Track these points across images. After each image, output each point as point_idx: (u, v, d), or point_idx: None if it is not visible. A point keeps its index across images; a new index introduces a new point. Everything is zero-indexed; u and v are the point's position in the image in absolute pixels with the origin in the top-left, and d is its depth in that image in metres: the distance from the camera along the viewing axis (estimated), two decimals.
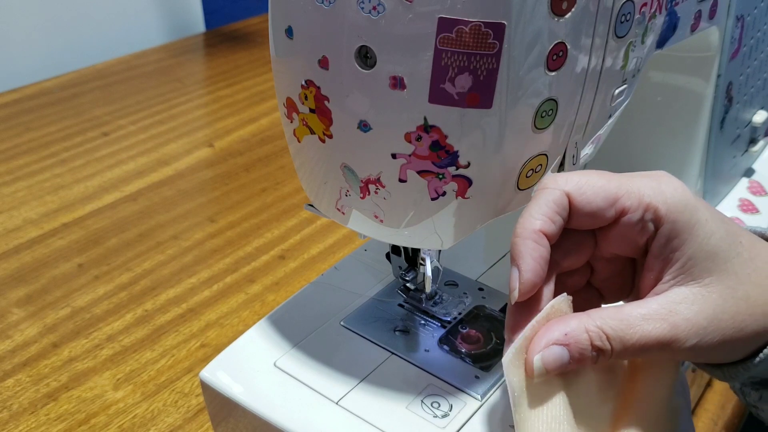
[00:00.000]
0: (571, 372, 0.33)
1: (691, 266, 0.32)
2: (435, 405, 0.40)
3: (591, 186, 0.32)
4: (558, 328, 0.32)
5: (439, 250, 0.43)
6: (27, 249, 0.70)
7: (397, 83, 0.31)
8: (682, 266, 0.32)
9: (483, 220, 0.36)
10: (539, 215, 0.32)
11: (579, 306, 0.36)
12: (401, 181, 0.34)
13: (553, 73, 0.32)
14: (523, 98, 0.32)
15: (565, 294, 0.34)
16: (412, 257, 0.45)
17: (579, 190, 0.32)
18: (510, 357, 0.32)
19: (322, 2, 0.31)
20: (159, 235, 0.72)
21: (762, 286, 0.32)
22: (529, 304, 0.33)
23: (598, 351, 0.31)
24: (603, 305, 0.37)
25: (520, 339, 0.32)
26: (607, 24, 0.33)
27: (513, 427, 0.34)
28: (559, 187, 0.32)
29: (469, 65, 0.30)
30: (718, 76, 0.51)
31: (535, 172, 0.35)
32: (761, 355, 0.33)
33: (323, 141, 0.35)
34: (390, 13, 0.30)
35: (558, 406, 0.32)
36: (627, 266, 0.36)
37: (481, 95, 0.31)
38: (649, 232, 0.32)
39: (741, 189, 0.60)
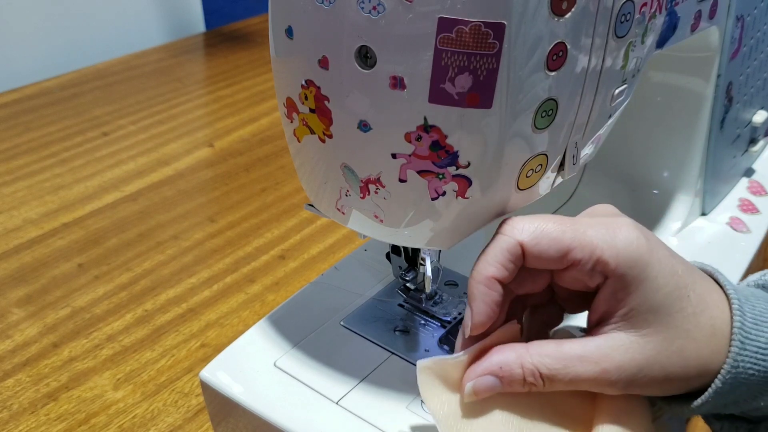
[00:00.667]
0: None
1: (632, 316, 0.33)
2: None
3: (545, 236, 0.34)
4: (495, 358, 0.34)
5: (439, 250, 0.43)
6: (27, 249, 0.70)
7: (397, 83, 0.31)
8: (625, 315, 0.33)
9: (483, 220, 0.36)
10: (493, 261, 0.34)
11: (542, 319, 0.38)
12: (401, 181, 0.34)
13: (553, 73, 0.32)
14: (523, 98, 0.32)
15: (514, 322, 0.36)
16: (412, 257, 0.45)
17: (533, 240, 0.33)
18: (427, 364, 0.35)
19: (322, 2, 0.31)
20: (159, 235, 0.72)
21: (698, 341, 0.33)
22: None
23: (529, 385, 0.33)
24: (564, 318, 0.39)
25: (454, 356, 0.35)
26: (607, 24, 0.33)
27: None
28: (514, 237, 0.34)
29: (469, 65, 0.30)
30: (718, 76, 0.51)
31: (535, 172, 0.35)
32: (697, 401, 0.34)
33: (323, 141, 0.35)
34: (390, 13, 0.30)
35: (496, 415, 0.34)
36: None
37: (481, 95, 0.31)
38: (599, 280, 0.34)
39: (741, 189, 0.60)
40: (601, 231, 0.34)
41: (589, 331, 0.35)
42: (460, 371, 0.35)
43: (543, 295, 0.37)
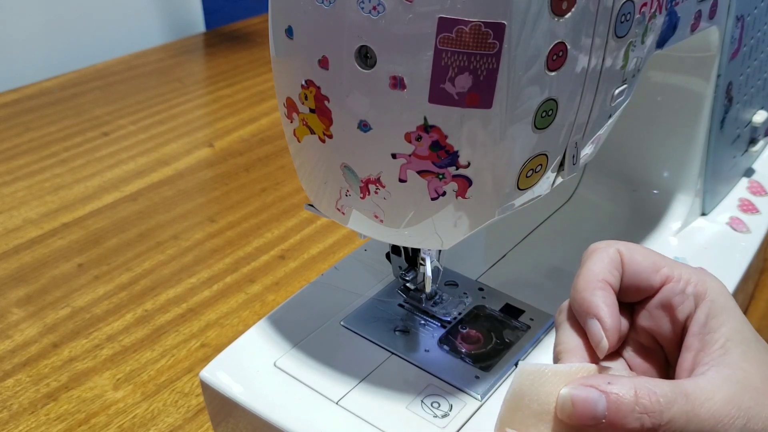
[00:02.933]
0: None
1: (728, 348, 0.31)
2: (435, 405, 0.40)
3: (640, 249, 0.33)
4: (603, 376, 0.30)
5: (439, 250, 0.43)
6: (27, 249, 0.70)
7: (397, 83, 0.31)
8: (721, 347, 0.31)
9: (483, 220, 0.36)
10: (599, 270, 0.32)
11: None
12: (401, 181, 0.34)
13: (553, 73, 0.32)
14: (523, 98, 0.32)
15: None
16: (412, 257, 0.45)
17: (629, 250, 0.33)
18: (531, 370, 0.30)
19: (322, 2, 0.31)
20: (159, 235, 0.72)
21: None
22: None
23: (639, 416, 0.28)
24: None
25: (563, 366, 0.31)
26: (607, 24, 0.33)
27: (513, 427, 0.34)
28: (611, 246, 0.33)
29: (469, 65, 0.30)
30: (718, 76, 0.51)
31: (535, 172, 0.35)
32: None
33: (323, 141, 0.35)
34: (390, 13, 0.30)
35: None
36: (658, 347, 0.35)
37: (481, 95, 0.31)
38: (690, 309, 0.32)
39: (741, 189, 0.60)
40: (686, 265, 0.33)
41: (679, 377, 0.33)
42: (558, 384, 0.30)
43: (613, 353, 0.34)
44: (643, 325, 0.34)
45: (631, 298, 0.34)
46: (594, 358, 0.32)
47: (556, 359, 0.33)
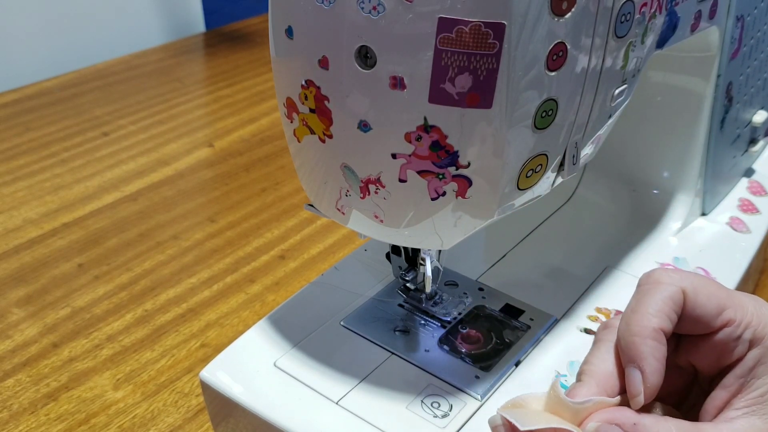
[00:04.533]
0: None
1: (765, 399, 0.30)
2: (435, 405, 0.40)
3: (705, 288, 0.31)
4: (628, 413, 0.30)
5: (439, 250, 0.43)
6: (27, 249, 0.70)
7: (397, 83, 0.31)
8: (761, 395, 0.30)
9: (483, 220, 0.36)
10: (656, 312, 0.30)
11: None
12: (401, 181, 0.34)
13: (553, 73, 0.32)
14: (523, 98, 0.32)
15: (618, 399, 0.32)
16: (412, 257, 0.45)
17: (694, 290, 0.31)
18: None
19: (322, 2, 0.31)
20: (159, 235, 0.72)
21: None
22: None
23: None
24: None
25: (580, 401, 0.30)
26: (607, 24, 0.33)
27: None
28: (675, 284, 0.31)
29: (469, 65, 0.30)
30: (718, 76, 0.51)
31: (535, 172, 0.35)
32: None
33: (323, 141, 0.35)
34: (390, 13, 0.30)
35: None
36: (688, 380, 0.34)
37: (481, 95, 0.31)
38: (742, 352, 0.31)
39: (741, 189, 0.60)
40: (747, 299, 0.31)
41: (709, 416, 0.32)
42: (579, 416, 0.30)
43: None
44: (688, 352, 0.32)
45: (683, 332, 0.32)
46: (617, 389, 0.31)
47: (579, 376, 0.32)
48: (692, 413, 0.34)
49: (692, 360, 0.33)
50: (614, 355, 0.32)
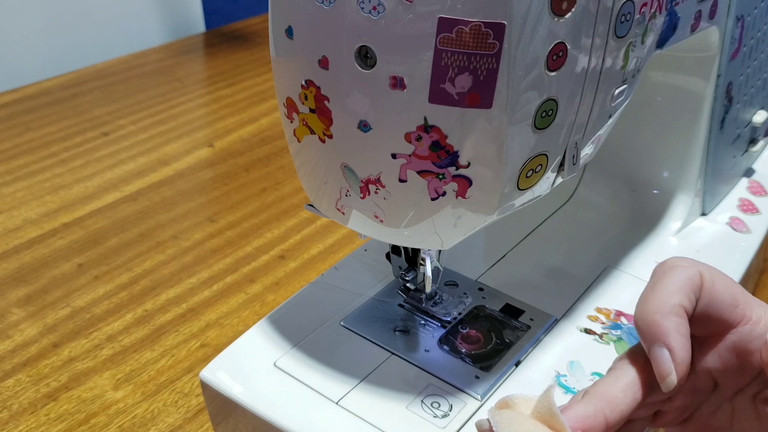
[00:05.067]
0: None
1: None
2: (435, 405, 0.40)
3: (721, 277, 0.29)
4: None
5: (439, 250, 0.43)
6: (27, 249, 0.70)
7: (397, 83, 0.31)
8: None
9: (483, 220, 0.36)
10: (677, 290, 0.28)
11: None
12: (401, 181, 0.34)
13: (553, 73, 0.32)
14: (523, 98, 0.32)
15: None
16: (412, 257, 0.45)
17: (711, 277, 0.29)
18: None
19: (322, 2, 0.31)
20: (159, 235, 0.72)
21: None
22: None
23: None
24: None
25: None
26: (607, 24, 0.33)
27: None
28: (693, 267, 0.29)
29: (469, 65, 0.30)
30: (718, 76, 0.51)
31: (535, 172, 0.35)
32: None
33: (323, 141, 0.35)
34: (390, 13, 0.30)
35: None
36: (710, 386, 0.32)
37: (481, 95, 0.31)
38: (766, 357, 0.28)
39: (741, 189, 0.60)
40: (761, 302, 0.29)
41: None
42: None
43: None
44: (707, 365, 0.30)
45: (698, 331, 0.30)
46: (619, 415, 0.29)
47: (582, 394, 0.30)
48: (708, 426, 0.32)
49: (713, 372, 0.30)
50: (625, 382, 0.29)
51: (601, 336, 0.45)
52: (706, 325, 0.30)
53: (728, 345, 0.30)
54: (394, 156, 0.33)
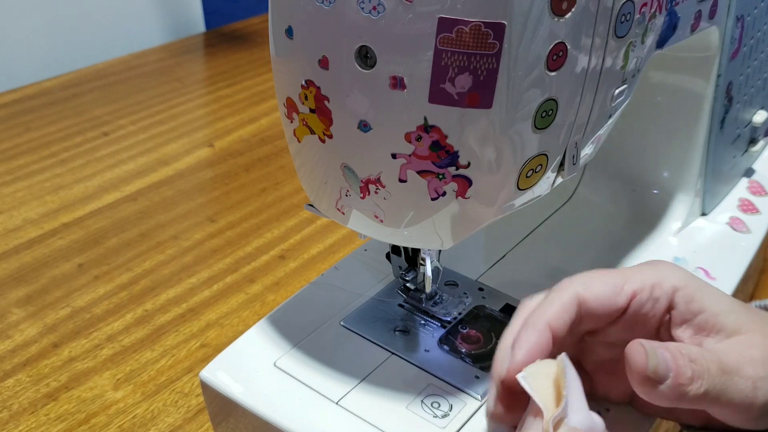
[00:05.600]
0: None
1: (720, 322, 0.32)
2: (435, 405, 0.40)
3: (596, 279, 0.33)
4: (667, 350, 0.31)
5: (439, 250, 0.43)
6: (27, 249, 0.70)
7: (397, 83, 0.31)
8: (713, 326, 0.32)
9: (483, 220, 0.36)
10: (552, 313, 0.33)
11: (605, 341, 0.36)
12: (401, 181, 0.34)
13: (553, 73, 0.32)
14: (523, 98, 0.32)
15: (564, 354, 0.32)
16: (412, 257, 0.45)
17: (585, 285, 0.33)
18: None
19: (322, 2, 0.31)
20: (159, 235, 0.72)
21: None
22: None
23: (695, 385, 0.31)
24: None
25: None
26: (607, 24, 0.33)
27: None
28: (570, 289, 0.33)
29: (469, 65, 0.30)
30: (718, 76, 0.51)
31: (535, 172, 0.35)
32: None
33: (323, 141, 0.35)
34: (390, 13, 0.30)
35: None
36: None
37: (481, 95, 0.31)
38: (661, 309, 0.33)
39: (741, 189, 0.60)
40: (645, 268, 0.33)
41: None
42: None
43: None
44: (615, 339, 0.34)
45: (603, 324, 0.34)
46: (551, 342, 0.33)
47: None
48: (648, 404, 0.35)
49: (621, 337, 0.34)
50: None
51: None
52: (608, 317, 0.33)
53: (630, 320, 0.34)
54: (394, 156, 0.33)
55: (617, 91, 0.37)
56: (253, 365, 0.42)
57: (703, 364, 0.31)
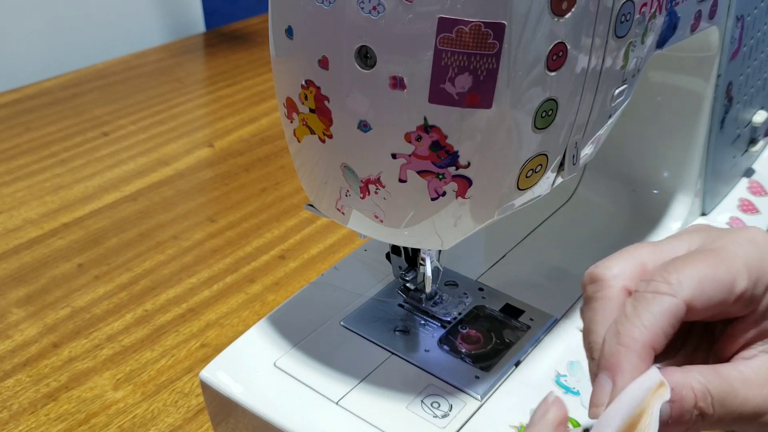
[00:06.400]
0: None
1: None
2: (435, 405, 0.40)
3: (709, 281, 0.29)
4: (656, 373, 0.28)
5: (439, 250, 0.43)
6: (27, 249, 0.70)
7: (397, 83, 0.31)
8: None
9: (483, 220, 0.36)
10: (651, 326, 0.28)
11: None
12: (401, 181, 0.34)
13: (553, 73, 0.32)
14: (523, 98, 0.32)
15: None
16: (412, 257, 0.45)
17: (700, 292, 0.29)
18: None
19: (322, 2, 0.31)
20: (159, 235, 0.72)
21: None
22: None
23: (701, 413, 0.28)
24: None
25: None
26: (607, 24, 0.33)
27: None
28: (676, 294, 0.29)
29: (469, 65, 0.30)
30: (718, 76, 0.51)
31: (535, 172, 0.35)
32: None
33: (323, 141, 0.35)
34: (390, 13, 0.30)
35: None
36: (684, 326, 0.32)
37: (481, 95, 0.31)
38: (756, 304, 0.30)
39: (741, 189, 0.60)
40: (746, 248, 0.30)
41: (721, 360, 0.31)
42: None
43: None
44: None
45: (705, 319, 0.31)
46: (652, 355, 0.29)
47: (590, 353, 0.30)
48: (694, 360, 0.33)
49: (696, 318, 0.31)
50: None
51: None
52: (713, 316, 0.30)
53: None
54: (394, 156, 0.33)
55: (617, 91, 0.37)
56: (253, 365, 0.42)
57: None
